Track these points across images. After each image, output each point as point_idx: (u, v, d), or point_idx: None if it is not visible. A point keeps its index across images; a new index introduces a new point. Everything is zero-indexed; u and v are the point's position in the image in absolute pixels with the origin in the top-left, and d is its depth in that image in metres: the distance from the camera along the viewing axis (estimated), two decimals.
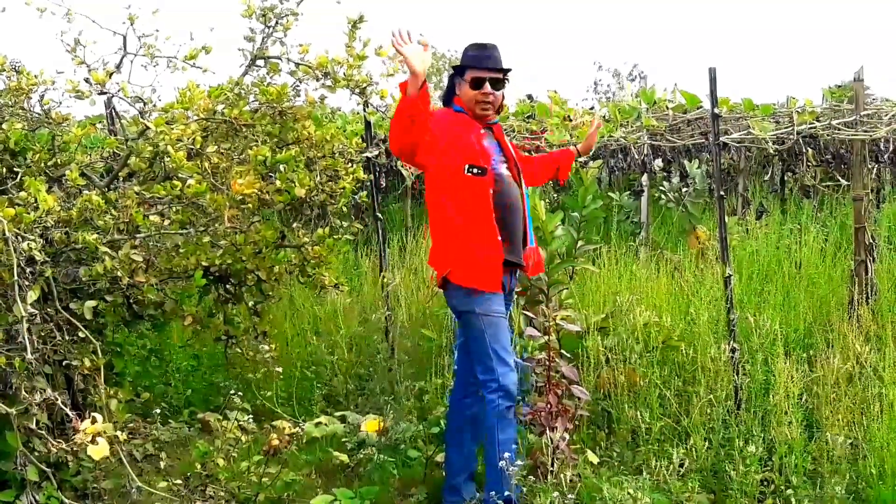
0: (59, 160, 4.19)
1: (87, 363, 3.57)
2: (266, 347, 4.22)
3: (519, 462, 3.32)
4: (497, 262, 3.54)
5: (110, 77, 4.16)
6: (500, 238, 3.53)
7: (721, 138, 5.03)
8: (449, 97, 3.74)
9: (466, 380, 3.77)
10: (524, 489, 3.57)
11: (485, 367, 3.54)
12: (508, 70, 3.67)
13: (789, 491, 3.70)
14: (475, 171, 3.49)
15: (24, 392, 3.33)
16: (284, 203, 4.04)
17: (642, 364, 4.42)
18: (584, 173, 5.30)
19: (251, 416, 4.07)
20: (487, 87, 3.59)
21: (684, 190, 7.73)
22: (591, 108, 9.52)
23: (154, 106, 4.25)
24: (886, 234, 6.70)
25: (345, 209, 4.34)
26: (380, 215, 5.50)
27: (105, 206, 3.75)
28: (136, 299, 3.90)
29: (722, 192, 4.45)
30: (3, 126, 4.03)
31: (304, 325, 5.57)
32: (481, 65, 3.61)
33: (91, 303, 3.69)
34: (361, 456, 4.17)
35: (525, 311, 4.74)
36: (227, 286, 4.20)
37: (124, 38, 4.27)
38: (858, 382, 4.20)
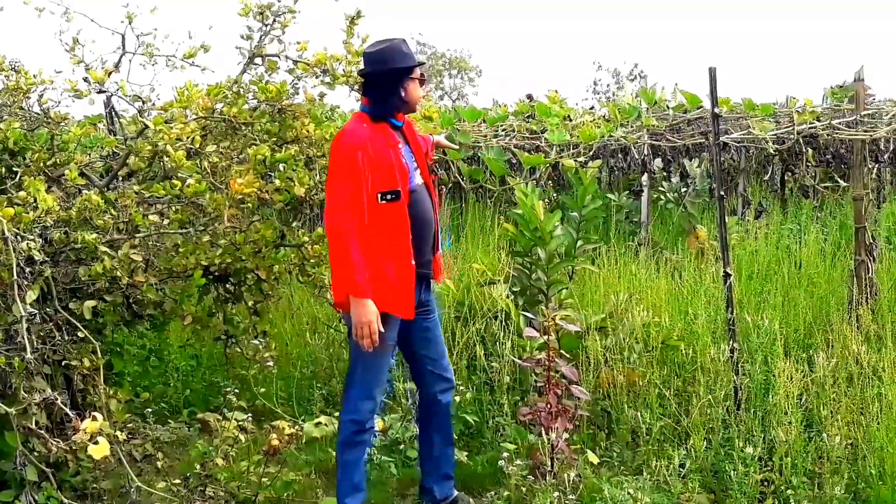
0: (58, 160, 4.18)
1: (87, 363, 3.57)
2: (263, 345, 4.21)
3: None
4: (410, 286, 3.45)
5: (109, 76, 4.16)
6: (413, 262, 3.44)
7: (721, 138, 5.02)
8: (398, 106, 3.51)
9: (424, 385, 3.77)
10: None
11: (348, 388, 3.59)
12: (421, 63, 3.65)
13: (789, 491, 3.70)
14: (389, 197, 3.35)
15: (23, 392, 3.32)
16: (284, 202, 4.03)
17: (642, 364, 4.41)
18: (584, 173, 5.30)
19: (250, 415, 4.07)
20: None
21: (684, 190, 7.73)
22: (592, 108, 9.52)
23: (153, 105, 4.25)
24: (886, 234, 6.69)
25: None
26: None
27: (104, 205, 3.75)
28: (135, 299, 3.89)
29: (722, 192, 4.44)
30: (2, 126, 4.03)
31: (303, 324, 5.56)
32: (416, 62, 3.54)
33: (90, 302, 3.69)
34: None
35: (525, 311, 4.74)
36: (227, 286, 4.19)
37: (123, 36, 4.27)
38: (858, 382, 4.20)
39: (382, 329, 3.35)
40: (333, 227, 3.33)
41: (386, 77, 3.45)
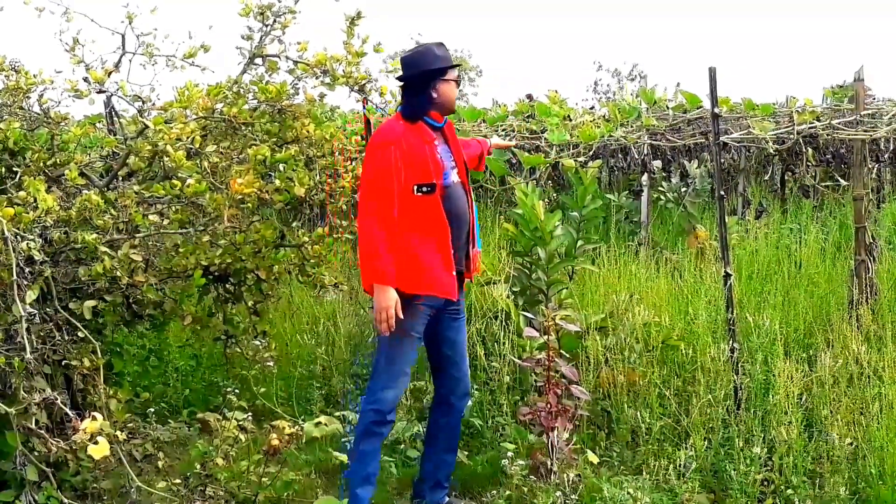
0: (58, 160, 4.18)
1: (87, 363, 3.57)
2: (263, 345, 4.21)
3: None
4: (450, 268, 3.57)
5: (109, 76, 4.16)
6: (454, 252, 3.57)
7: (721, 138, 5.02)
8: (426, 106, 3.62)
9: (441, 385, 3.80)
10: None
11: (372, 378, 3.68)
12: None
13: (789, 491, 3.70)
14: (424, 189, 3.51)
15: (23, 392, 3.32)
16: (284, 202, 4.03)
17: (642, 364, 4.41)
18: (584, 173, 5.30)
19: (250, 415, 4.07)
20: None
21: (684, 190, 7.73)
22: (592, 108, 9.51)
23: (153, 105, 4.25)
24: (886, 233, 6.69)
25: (344, 208, 4.33)
26: None
27: (104, 205, 3.75)
28: (135, 299, 3.89)
29: (722, 192, 4.44)
30: (2, 125, 4.03)
31: (303, 324, 5.56)
32: (450, 63, 3.65)
33: (90, 302, 3.69)
34: None
35: (525, 311, 4.74)
36: (227, 286, 4.19)
37: (123, 36, 4.27)
38: (858, 382, 4.19)
39: (402, 315, 3.44)
40: (363, 217, 3.49)
41: (417, 79, 3.61)
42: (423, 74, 3.59)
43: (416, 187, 3.48)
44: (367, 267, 3.48)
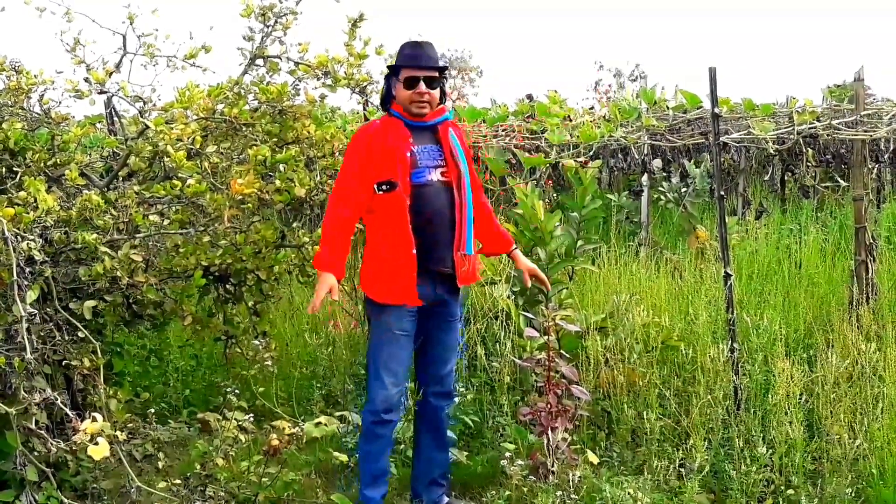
0: (58, 160, 4.18)
1: (87, 363, 3.57)
2: (263, 345, 4.21)
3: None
4: (410, 274, 3.50)
5: (110, 76, 4.17)
6: (414, 251, 3.49)
7: (721, 138, 5.03)
8: (387, 101, 3.66)
9: (423, 383, 3.78)
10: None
11: (368, 381, 3.68)
12: (444, 68, 3.65)
13: (790, 491, 3.70)
14: (384, 188, 3.49)
15: (23, 392, 3.32)
16: (284, 203, 4.03)
17: (642, 364, 4.41)
18: (584, 173, 5.30)
19: (250, 415, 4.07)
20: (422, 85, 3.52)
21: (684, 190, 7.73)
22: (591, 108, 9.52)
23: (154, 105, 4.25)
24: (886, 233, 6.69)
25: None
26: None
27: (105, 205, 3.75)
28: (135, 299, 3.89)
29: (722, 192, 4.44)
30: (3, 126, 4.03)
31: (303, 324, 5.56)
32: (415, 63, 3.56)
33: (90, 303, 3.69)
34: None
35: (525, 312, 4.74)
36: (227, 286, 4.19)
37: (124, 37, 4.27)
38: (859, 382, 4.20)
39: (337, 298, 3.53)
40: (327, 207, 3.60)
41: (386, 76, 3.65)
42: (389, 69, 3.64)
43: (376, 186, 3.48)
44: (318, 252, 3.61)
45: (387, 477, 3.73)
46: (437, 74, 3.58)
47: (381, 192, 3.49)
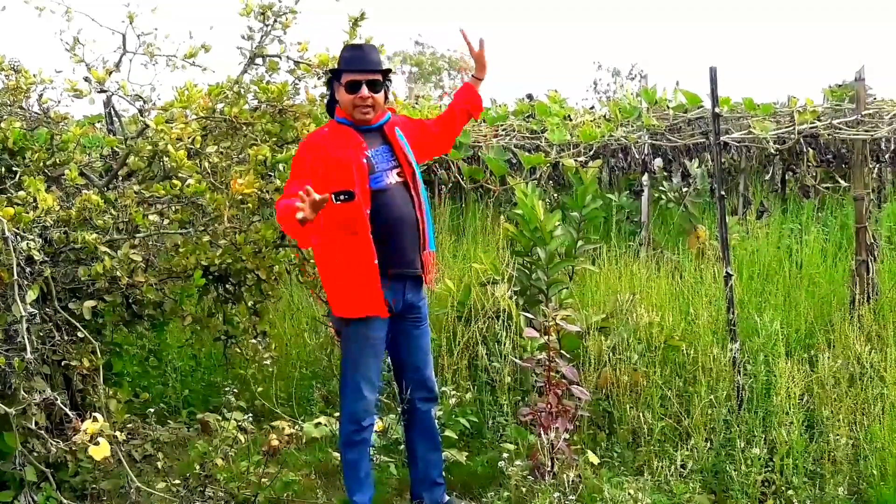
0: (57, 159, 4.18)
1: (86, 363, 3.56)
2: (263, 345, 4.21)
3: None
4: (375, 284, 3.45)
5: (109, 75, 4.16)
6: (375, 262, 3.43)
7: (722, 138, 5.02)
8: (331, 106, 3.60)
9: (403, 390, 3.76)
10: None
11: (342, 390, 3.65)
12: (388, 71, 3.55)
13: (790, 491, 3.69)
14: (342, 198, 3.35)
15: (23, 392, 3.32)
16: None
17: (643, 364, 4.41)
18: (584, 173, 5.30)
19: (250, 415, 4.07)
20: (364, 90, 3.44)
21: (685, 190, 7.72)
22: (592, 108, 9.51)
23: (153, 104, 4.24)
24: (887, 233, 6.68)
25: None
26: None
27: (104, 205, 3.75)
28: (135, 299, 3.89)
29: (723, 192, 4.44)
30: (2, 125, 4.02)
31: (303, 324, 5.56)
32: (356, 66, 3.47)
33: (90, 303, 3.68)
34: None
35: (525, 312, 4.73)
36: (227, 286, 4.18)
37: (123, 36, 4.27)
38: (860, 383, 4.19)
39: (310, 216, 3.08)
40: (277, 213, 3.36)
41: (328, 81, 3.63)
42: (331, 72, 3.60)
43: (333, 196, 3.29)
44: (280, 220, 3.29)
45: (371, 478, 3.70)
46: (380, 77, 3.51)
47: (338, 202, 3.34)
